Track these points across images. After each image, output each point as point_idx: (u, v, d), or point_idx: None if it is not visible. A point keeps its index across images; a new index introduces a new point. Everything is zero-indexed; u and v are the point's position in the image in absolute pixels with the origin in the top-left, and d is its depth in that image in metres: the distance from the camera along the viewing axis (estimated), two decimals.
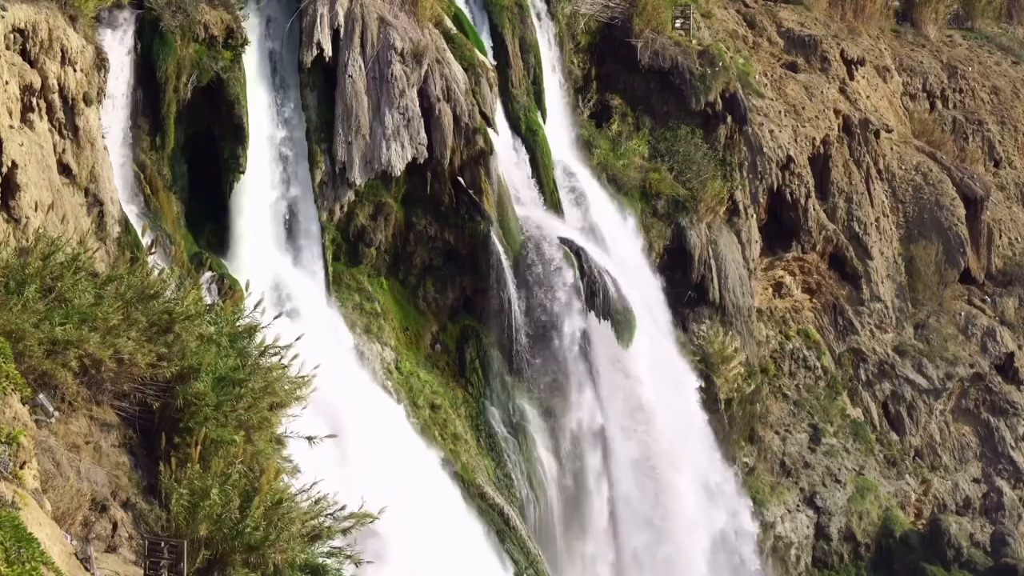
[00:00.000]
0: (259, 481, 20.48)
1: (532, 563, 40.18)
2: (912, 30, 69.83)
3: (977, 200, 62.08)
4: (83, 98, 32.17)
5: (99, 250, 28.77)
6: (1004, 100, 69.46)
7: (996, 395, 59.64)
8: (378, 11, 40.59)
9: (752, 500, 50.90)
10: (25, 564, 14.89)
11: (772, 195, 55.32)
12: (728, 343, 50.66)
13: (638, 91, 51.96)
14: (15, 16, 30.08)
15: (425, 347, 42.70)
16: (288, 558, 20.05)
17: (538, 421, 43.58)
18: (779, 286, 56.78)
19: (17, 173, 28.77)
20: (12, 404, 18.12)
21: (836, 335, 57.71)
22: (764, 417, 53.72)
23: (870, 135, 60.02)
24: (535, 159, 45.65)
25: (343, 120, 39.86)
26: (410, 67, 40.59)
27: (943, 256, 60.43)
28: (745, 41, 59.70)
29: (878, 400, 57.67)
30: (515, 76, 45.74)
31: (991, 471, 58.49)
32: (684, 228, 49.56)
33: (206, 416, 21.45)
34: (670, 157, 50.86)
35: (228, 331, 23.52)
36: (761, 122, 54.54)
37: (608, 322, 44.07)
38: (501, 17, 46.00)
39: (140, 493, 21.08)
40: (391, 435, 37.87)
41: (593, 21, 51.47)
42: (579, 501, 44.25)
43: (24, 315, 20.26)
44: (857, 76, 62.42)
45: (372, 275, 41.75)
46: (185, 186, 37.39)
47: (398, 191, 41.68)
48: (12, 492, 16.45)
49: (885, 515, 54.67)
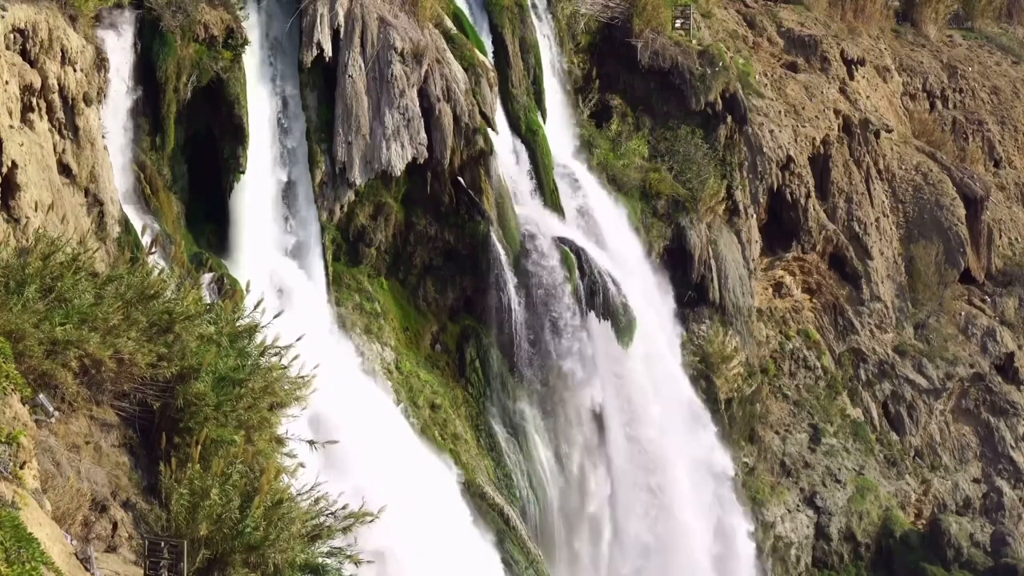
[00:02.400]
0: (259, 481, 20.46)
1: (532, 563, 40.17)
2: (912, 30, 69.83)
3: (977, 200, 62.08)
4: (83, 98, 32.18)
5: (99, 250, 28.75)
6: (1004, 100, 69.45)
7: (996, 395, 59.63)
8: (378, 11, 40.59)
9: (752, 500, 50.91)
10: (25, 564, 14.88)
11: (772, 195, 55.31)
12: (728, 343, 50.67)
13: (638, 91, 51.96)
14: (15, 16, 30.09)
15: (425, 347, 42.70)
16: (288, 558, 20.03)
17: (538, 421, 43.58)
18: (779, 286, 56.77)
19: (17, 173, 28.79)
20: (12, 404, 18.11)
21: (836, 335, 57.70)
22: (764, 417, 53.72)
23: (870, 135, 60.01)
24: (535, 159, 45.64)
25: (343, 120, 39.86)
26: (410, 67, 40.59)
27: (943, 256, 60.42)
28: (745, 41, 59.70)
29: (878, 400, 57.65)
30: (515, 76, 45.74)
31: (991, 471, 58.48)
32: (684, 228, 49.56)
33: (206, 416, 21.43)
34: (670, 157, 50.86)
35: (228, 331, 23.49)
36: (761, 122, 54.53)
37: (608, 322, 44.08)
38: (501, 17, 45.99)
39: (140, 493, 21.06)
40: (391, 435, 37.89)
41: (593, 21, 51.46)
42: (578, 500, 44.27)
43: (24, 315, 20.24)
44: (857, 76, 62.41)
45: (372, 275, 41.75)
46: (185, 186, 37.39)
47: (398, 191, 41.68)
48: (12, 492, 16.44)
49: (885, 515, 54.65)
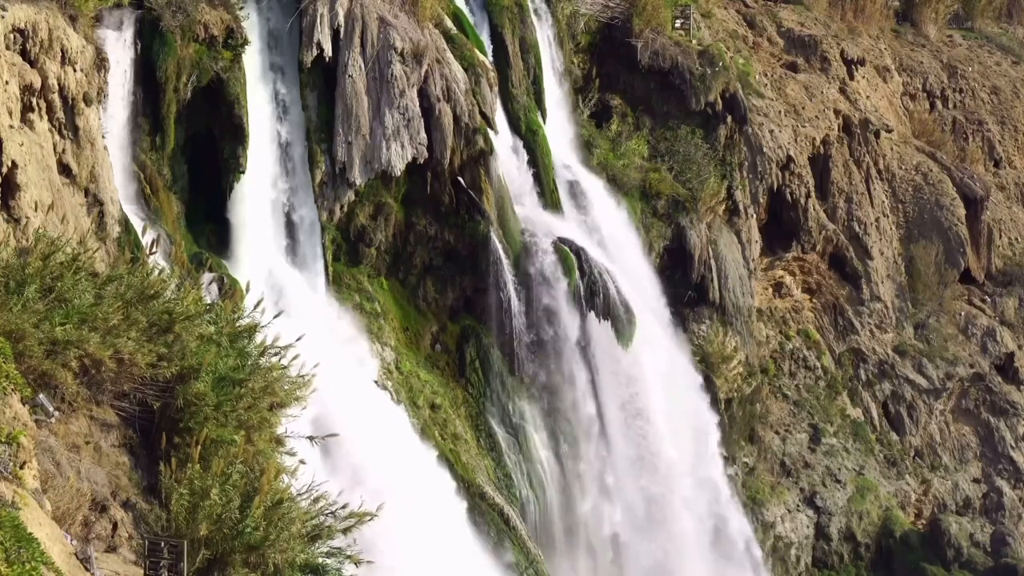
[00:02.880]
0: (259, 481, 20.47)
1: (532, 563, 40.17)
2: (912, 30, 69.81)
3: (977, 200, 62.06)
4: (83, 98, 32.19)
5: (99, 250, 28.76)
6: (1004, 100, 69.42)
7: (996, 395, 59.62)
8: (378, 11, 40.59)
9: (752, 500, 50.90)
10: (25, 564, 14.88)
11: (772, 195, 55.30)
12: (728, 343, 50.66)
13: (638, 91, 51.95)
14: (15, 16, 30.09)
15: (425, 347, 42.70)
16: (288, 558, 20.03)
17: (538, 421, 43.58)
18: (779, 286, 56.76)
19: (17, 173, 28.80)
20: (12, 404, 18.11)
21: (836, 335, 57.69)
22: (764, 417, 53.70)
23: (870, 135, 59.99)
24: (535, 159, 45.64)
25: (343, 120, 39.85)
26: (410, 67, 40.59)
27: (943, 256, 60.41)
28: (745, 41, 59.69)
29: (878, 400, 57.64)
30: (515, 76, 45.73)
31: (991, 471, 58.47)
32: (684, 228, 49.55)
33: (206, 416, 21.43)
34: (670, 157, 50.85)
35: (228, 331, 23.49)
36: (761, 122, 54.52)
37: (608, 322, 44.07)
38: (501, 17, 45.99)
39: (140, 493, 21.06)
40: (390, 435, 37.89)
41: (593, 21, 51.45)
42: (578, 500, 44.25)
43: (24, 315, 20.24)
44: (857, 76, 62.40)
45: (372, 275, 41.75)
46: (185, 186, 37.40)
47: (398, 191, 41.68)
48: (12, 492, 16.44)
49: (885, 515, 54.64)
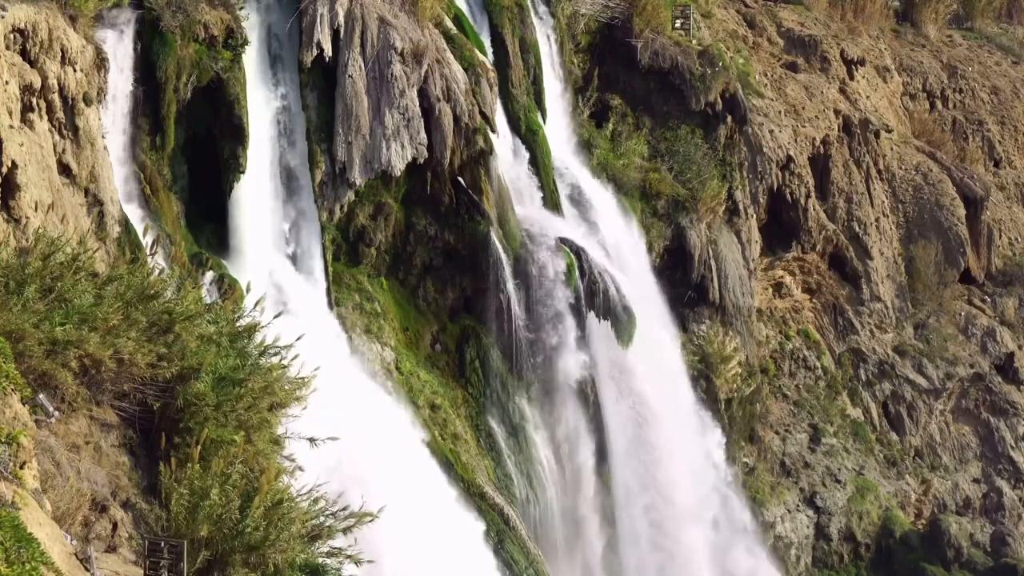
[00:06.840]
0: (259, 481, 20.49)
1: (532, 563, 40.17)
2: (912, 30, 69.77)
3: (977, 200, 62.05)
4: (83, 98, 32.18)
5: (99, 250, 28.77)
6: (1004, 100, 69.39)
7: (996, 395, 59.61)
8: (378, 11, 40.60)
9: (752, 500, 50.90)
10: (25, 564, 14.89)
11: (772, 195, 55.28)
12: (728, 343, 50.65)
13: (638, 91, 51.91)
14: (15, 16, 30.09)
15: (425, 347, 42.70)
16: (288, 558, 20.05)
17: (538, 421, 43.57)
18: (779, 286, 56.76)
19: (17, 173, 28.79)
20: (12, 404, 18.12)
21: (836, 335, 57.69)
22: (764, 417, 53.69)
23: (870, 135, 59.99)
24: (535, 159, 45.64)
25: (343, 120, 39.86)
26: (410, 67, 40.59)
27: (943, 256, 60.40)
28: (745, 41, 59.68)
29: (878, 400, 57.63)
30: (515, 76, 45.73)
31: (991, 471, 58.46)
32: (684, 228, 49.55)
33: (206, 416, 21.46)
34: (670, 157, 50.83)
35: (228, 331, 23.53)
36: (761, 122, 54.51)
37: (608, 322, 44.08)
38: (501, 17, 45.98)
39: (140, 493, 21.08)
40: (390, 435, 37.89)
41: (593, 21, 51.44)
42: (578, 500, 44.27)
43: (24, 315, 20.26)
44: (857, 76, 62.39)
45: (372, 275, 41.75)
46: (185, 186, 37.39)
47: (398, 191, 41.69)
48: (12, 492, 16.44)
49: (885, 515, 54.63)
